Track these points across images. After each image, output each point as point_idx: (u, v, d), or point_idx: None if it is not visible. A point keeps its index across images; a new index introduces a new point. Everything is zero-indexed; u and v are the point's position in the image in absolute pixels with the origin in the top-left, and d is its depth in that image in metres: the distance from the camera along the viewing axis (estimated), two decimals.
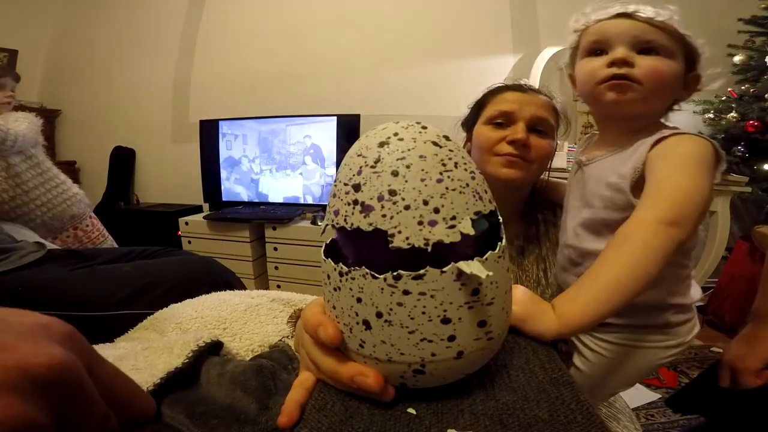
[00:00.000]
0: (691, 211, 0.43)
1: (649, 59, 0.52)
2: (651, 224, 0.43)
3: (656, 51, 0.53)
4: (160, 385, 0.29)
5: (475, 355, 0.27)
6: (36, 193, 1.25)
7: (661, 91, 0.54)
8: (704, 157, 0.48)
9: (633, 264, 0.41)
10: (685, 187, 0.45)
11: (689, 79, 0.56)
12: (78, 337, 0.21)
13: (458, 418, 0.25)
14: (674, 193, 0.44)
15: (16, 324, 0.19)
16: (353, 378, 0.27)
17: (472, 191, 0.26)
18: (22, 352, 0.17)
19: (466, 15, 2.19)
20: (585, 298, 0.40)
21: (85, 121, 2.93)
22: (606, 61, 0.54)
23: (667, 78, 0.53)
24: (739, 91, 1.73)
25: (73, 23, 2.92)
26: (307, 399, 0.29)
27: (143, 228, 2.49)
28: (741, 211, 1.91)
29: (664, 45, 0.53)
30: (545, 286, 0.68)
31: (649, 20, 0.52)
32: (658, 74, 0.52)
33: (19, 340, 0.18)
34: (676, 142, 0.50)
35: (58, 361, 0.18)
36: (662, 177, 0.46)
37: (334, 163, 2.18)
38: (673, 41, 0.53)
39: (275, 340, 0.42)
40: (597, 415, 0.25)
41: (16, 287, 0.62)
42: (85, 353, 0.21)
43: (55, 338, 0.19)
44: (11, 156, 1.20)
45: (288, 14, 2.45)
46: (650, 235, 0.42)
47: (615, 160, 0.55)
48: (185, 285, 0.69)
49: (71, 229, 1.38)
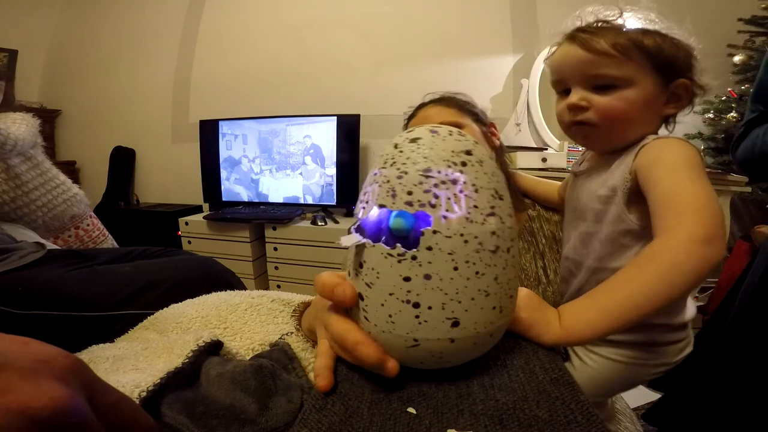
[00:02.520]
0: (720, 224, 0.40)
1: (604, 99, 0.50)
2: (685, 244, 0.38)
3: (611, 85, 0.50)
4: (160, 385, 0.29)
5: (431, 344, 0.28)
6: (36, 194, 1.25)
7: (625, 125, 0.51)
8: (697, 159, 0.46)
9: (655, 286, 0.37)
10: (703, 199, 0.41)
11: (675, 88, 0.51)
12: (80, 369, 0.20)
13: (458, 418, 0.25)
14: (697, 206, 0.41)
15: (15, 359, 0.18)
16: (356, 346, 0.29)
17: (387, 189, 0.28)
18: (23, 395, 0.17)
19: (466, 15, 2.19)
20: (594, 316, 0.38)
21: (85, 121, 2.93)
22: (566, 105, 0.53)
23: (628, 113, 0.50)
24: (739, 91, 1.73)
25: (73, 23, 2.92)
26: (333, 363, 0.31)
27: (143, 228, 2.49)
28: (741, 211, 1.90)
29: (617, 76, 0.49)
30: (546, 284, 0.67)
31: (594, 49, 0.49)
32: (612, 114, 0.50)
33: (19, 380, 0.17)
34: (660, 146, 0.48)
35: (60, 404, 0.18)
36: (671, 189, 0.43)
37: (334, 163, 2.18)
38: (629, 64, 0.49)
39: (275, 339, 0.42)
40: (597, 415, 0.25)
41: (16, 287, 0.62)
42: (88, 384, 0.20)
43: (56, 374, 0.19)
44: (11, 158, 1.20)
45: (288, 14, 2.45)
46: (684, 256, 0.38)
47: (604, 173, 0.53)
48: (185, 285, 0.69)
49: (72, 228, 1.38)
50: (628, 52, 0.48)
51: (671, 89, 0.51)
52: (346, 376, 0.31)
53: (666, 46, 0.49)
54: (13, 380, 0.17)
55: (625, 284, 0.39)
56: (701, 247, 0.38)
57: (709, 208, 0.41)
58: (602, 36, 0.49)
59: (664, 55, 0.49)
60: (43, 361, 0.19)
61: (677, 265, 0.38)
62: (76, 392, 0.19)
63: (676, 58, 0.50)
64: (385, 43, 2.32)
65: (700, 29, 0.53)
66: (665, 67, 0.49)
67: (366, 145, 2.31)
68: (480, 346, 0.30)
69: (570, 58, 0.52)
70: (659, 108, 0.52)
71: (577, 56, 0.51)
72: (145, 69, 2.75)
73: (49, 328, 0.59)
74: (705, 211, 0.40)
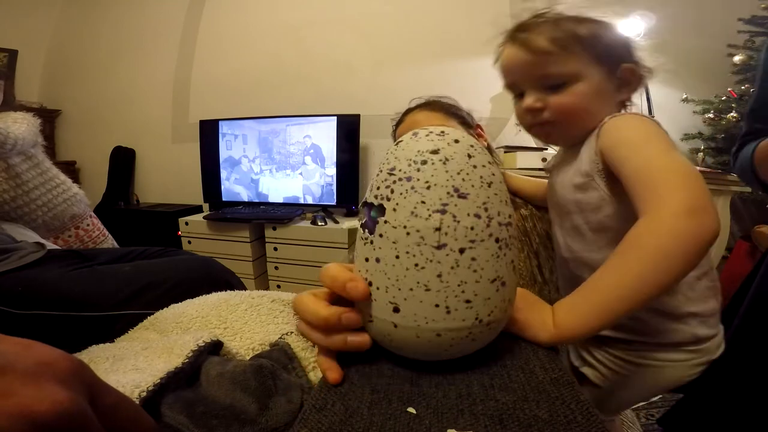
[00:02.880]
0: (703, 190, 0.37)
1: (557, 98, 0.51)
2: (668, 222, 0.35)
3: (560, 84, 0.50)
4: (160, 385, 0.29)
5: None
6: (36, 194, 1.25)
7: (583, 117, 0.51)
8: (657, 129, 0.45)
9: (642, 275, 0.35)
10: (677, 169, 0.39)
11: (622, 74, 0.51)
12: (81, 371, 0.21)
13: (458, 418, 0.25)
14: (671, 178, 0.38)
15: (18, 362, 0.18)
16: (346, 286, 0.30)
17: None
18: (25, 398, 0.17)
19: (466, 15, 2.19)
20: (582, 311, 0.36)
21: (85, 121, 2.93)
22: (523, 109, 0.54)
23: (582, 106, 0.50)
24: (739, 91, 1.72)
25: (73, 23, 2.92)
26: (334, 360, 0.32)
27: (143, 228, 2.48)
28: (741, 211, 1.90)
29: (563, 73, 0.50)
30: (542, 283, 0.66)
31: (535, 49, 0.49)
32: (568, 110, 0.51)
33: (22, 384, 0.18)
34: (616, 124, 0.47)
35: (62, 407, 0.18)
36: (640, 166, 0.40)
37: (334, 163, 2.18)
38: (572, 58, 0.49)
39: (276, 339, 0.42)
40: (597, 415, 0.25)
41: (16, 287, 0.61)
42: (89, 386, 0.21)
43: (59, 377, 0.19)
44: (11, 157, 1.19)
45: (288, 14, 2.45)
46: (668, 237, 0.35)
47: (574, 162, 0.54)
48: (185, 285, 0.69)
49: (73, 228, 1.38)
50: (567, 46, 0.48)
51: (618, 75, 0.51)
52: (345, 376, 0.31)
53: (601, 32, 0.49)
54: (16, 384, 0.17)
55: (610, 275, 0.36)
56: (687, 221, 0.35)
57: (686, 176, 0.38)
58: (540, 32, 0.49)
59: (603, 43, 0.49)
60: (45, 363, 0.19)
61: (661, 248, 0.35)
62: (78, 395, 0.19)
63: (614, 44, 0.50)
64: (385, 43, 2.32)
65: (700, 29, 0.53)
66: (606, 54, 0.50)
67: (366, 145, 2.31)
68: (427, 344, 0.30)
69: (515, 61, 0.52)
70: (612, 95, 0.52)
71: (521, 59, 0.51)
72: (145, 69, 2.75)
73: (49, 328, 0.59)
74: (682, 181, 0.37)
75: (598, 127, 0.49)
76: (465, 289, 0.29)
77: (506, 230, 0.30)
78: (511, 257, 0.31)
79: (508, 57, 0.54)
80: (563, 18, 0.50)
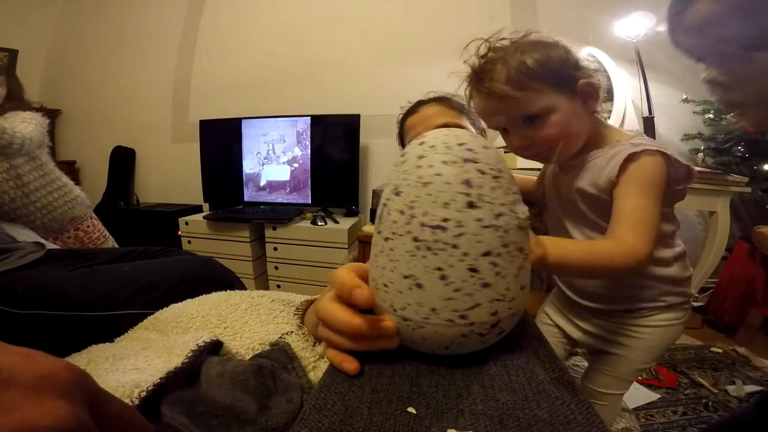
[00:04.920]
0: (650, 237, 0.52)
1: (538, 132, 0.57)
2: (620, 250, 0.51)
3: (536, 117, 0.56)
4: (160, 385, 0.29)
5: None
6: (37, 195, 1.24)
7: (570, 139, 0.58)
8: (662, 175, 0.55)
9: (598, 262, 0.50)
10: (648, 220, 0.53)
11: (581, 89, 0.57)
12: (83, 382, 0.20)
13: (458, 418, 0.25)
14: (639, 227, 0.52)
15: (20, 376, 0.18)
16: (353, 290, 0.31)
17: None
18: (27, 413, 0.17)
19: (467, 15, 2.19)
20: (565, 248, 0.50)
21: (85, 121, 2.93)
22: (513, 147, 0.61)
23: (563, 131, 0.57)
24: None
25: (73, 23, 2.92)
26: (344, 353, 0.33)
27: (143, 228, 2.48)
28: (741, 211, 1.91)
29: (534, 110, 0.55)
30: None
31: (498, 96, 0.55)
32: (551, 140, 0.57)
33: (23, 398, 0.17)
34: (642, 164, 0.55)
35: (64, 422, 0.18)
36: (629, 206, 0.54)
37: (335, 163, 2.18)
38: (534, 95, 0.55)
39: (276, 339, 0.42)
40: (597, 415, 0.25)
41: (16, 287, 0.61)
42: (91, 396, 0.21)
43: (61, 390, 0.19)
44: (15, 158, 1.19)
45: (288, 14, 2.45)
46: (618, 257, 0.51)
47: (589, 168, 0.61)
48: (185, 285, 0.69)
49: (72, 230, 1.38)
50: (526, 84, 0.54)
51: (579, 92, 0.57)
52: (346, 376, 0.31)
53: (546, 58, 0.54)
54: (17, 398, 0.17)
55: (586, 250, 0.51)
56: (635, 253, 0.51)
57: (650, 228, 0.52)
58: (497, 79, 0.55)
59: (553, 69, 0.54)
60: (47, 376, 0.19)
61: (611, 259, 0.51)
62: (80, 408, 0.19)
63: (561, 66, 0.55)
64: (385, 43, 2.32)
65: None
66: (560, 80, 0.55)
67: (366, 145, 2.31)
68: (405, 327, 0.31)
69: (488, 109, 0.59)
70: (581, 111, 0.58)
71: (492, 107, 0.58)
72: (145, 69, 2.75)
73: (49, 328, 0.59)
74: (646, 232, 0.52)
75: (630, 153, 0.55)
76: (384, 275, 0.31)
77: (433, 233, 0.28)
78: (438, 264, 0.28)
79: (480, 107, 0.60)
80: (509, 53, 0.55)
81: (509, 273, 0.30)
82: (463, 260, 0.28)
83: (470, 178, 0.28)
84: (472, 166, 0.29)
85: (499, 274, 0.29)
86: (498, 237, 0.28)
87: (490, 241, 0.28)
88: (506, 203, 0.29)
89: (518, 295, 0.31)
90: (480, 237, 0.28)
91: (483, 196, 0.28)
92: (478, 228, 0.28)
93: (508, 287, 0.30)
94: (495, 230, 0.28)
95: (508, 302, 0.30)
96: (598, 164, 0.59)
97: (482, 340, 0.31)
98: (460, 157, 0.29)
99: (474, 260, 0.28)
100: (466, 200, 0.28)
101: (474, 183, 0.28)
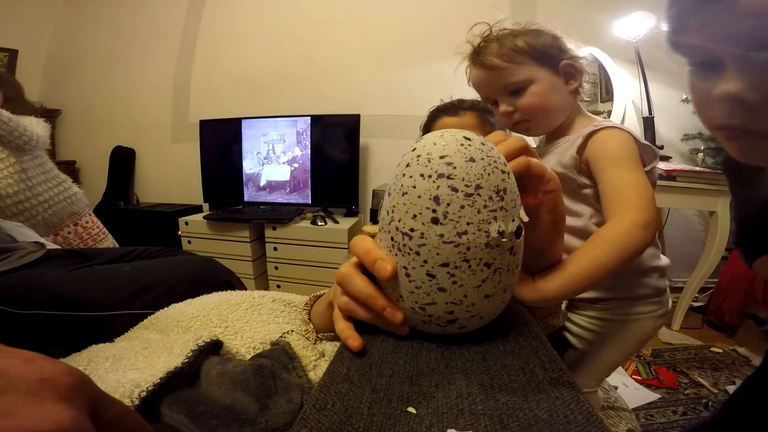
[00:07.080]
0: (654, 210, 0.52)
1: (521, 100, 0.63)
2: (629, 228, 0.49)
3: (520, 89, 0.63)
4: (160, 385, 0.29)
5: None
6: (39, 190, 1.29)
7: (548, 111, 0.64)
8: (633, 148, 0.56)
9: (605, 260, 0.47)
10: (638, 187, 0.53)
11: (564, 69, 0.63)
12: (84, 385, 0.20)
13: (458, 418, 0.25)
14: (635, 196, 0.52)
15: (19, 380, 0.18)
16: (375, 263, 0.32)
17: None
18: (27, 418, 0.17)
19: (467, 15, 2.19)
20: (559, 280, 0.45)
21: (85, 121, 2.93)
22: (499, 114, 0.67)
23: (542, 102, 0.62)
24: None
25: (73, 23, 2.92)
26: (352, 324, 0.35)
27: (143, 228, 2.49)
28: None
29: (519, 80, 0.62)
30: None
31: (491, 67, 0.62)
32: (532, 108, 0.63)
33: (24, 403, 0.17)
34: (602, 138, 0.58)
35: (64, 427, 0.17)
36: (615, 181, 0.55)
37: (334, 163, 2.18)
38: (520, 67, 0.62)
39: (276, 338, 0.42)
40: (597, 415, 0.25)
41: (16, 287, 0.61)
42: (92, 400, 0.20)
43: (61, 394, 0.19)
44: (25, 154, 1.25)
45: (288, 14, 2.45)
46: (628, 237, 0.49)
47: (556, 152, 0.65)
48: (185, 285, 0.69)
49: (72, 225, 1.41)
50: (513, 59, 0.62)
51: (562, 71, 0.63)
52: (346, 376, 0.31)
53: (535, 40, 0.62)
54: (17, 403, 0.17)
55: (582, 257, 0.48)
56: (640, 231, 0.49)
57: (645, 197, 0.52)
58: (490, 53, 0.63)
59: (539, 49, 0.62)
60: (47, 380, 0.19)
61: (620, 245, 0.48)
62: (81, 412, 0.19)
63: (548, 47, 0.62)
64: (385, 43, 2.32)
65: None
66: (544, 57, 0.62)
67: (366, 145, 2.31)
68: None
69: (481, 79, 0.67)
70: (563, 88, 0.64)
71: (484, 77, 0.66)
72: (145, 69, 2.75)
73: (49, 328, 0.59)
74: (642, 201, 0.52)
75: (584, 135, 0.60)
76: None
77: (403, 238, 0.31)
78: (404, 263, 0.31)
79: (475, 77, 0.68)
80: (504, 35, 0.64)
81: (468, 284, 0.31)
82: (423, 266, 0.31)
83: (439, 195, 0.29)
84: (445, 182, 0.29)
85: (456, 283, 0.31)
86: (458, 252, 0.30)
87: (449, 255, 0.30)
88: (474, 222, 0.29)
89: (481, 302, 0.32)
90: (439, 250, 0.30)
91: (448, 213, 0.29)
92: (438, 242, 0.30)
93: (466, 295, 0.31)
94: (455, 246, 0.30)
95: (467, 306, 0.32)
96: (565, 146, 0.64)
97: (442, 330, 0.34)
98: (436, 172, 0.29)
99: (432, 268, 0.31)
100: (431, 216, 0.30)
101: (442, 200, 0.29)
